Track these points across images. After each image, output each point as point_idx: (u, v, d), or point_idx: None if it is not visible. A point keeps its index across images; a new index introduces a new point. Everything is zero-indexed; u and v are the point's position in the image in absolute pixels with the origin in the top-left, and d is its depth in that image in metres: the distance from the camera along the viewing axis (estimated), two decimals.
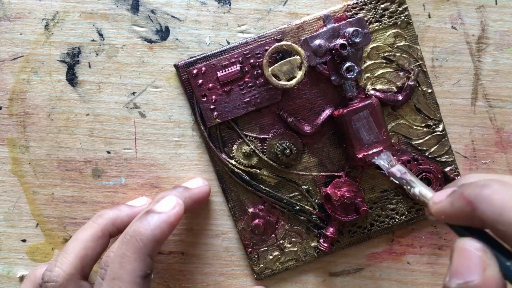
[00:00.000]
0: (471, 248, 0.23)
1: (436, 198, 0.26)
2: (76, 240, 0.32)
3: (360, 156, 0.33)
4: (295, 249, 0.37)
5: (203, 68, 0.35)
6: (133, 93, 0.37)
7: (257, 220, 0.37)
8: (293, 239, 0.37)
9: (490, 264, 0.22)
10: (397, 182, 0.31)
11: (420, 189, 0.29)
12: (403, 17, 0.36)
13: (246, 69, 0.35)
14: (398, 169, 0.31)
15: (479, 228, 0.24)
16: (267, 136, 0.36)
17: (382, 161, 0.33)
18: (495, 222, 0.22)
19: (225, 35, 0.36)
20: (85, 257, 0.31)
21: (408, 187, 0.30)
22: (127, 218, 0.34)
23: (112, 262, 0.29)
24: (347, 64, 0.33)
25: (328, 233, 0.36)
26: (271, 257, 0.37)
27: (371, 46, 0.36)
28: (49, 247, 0.38)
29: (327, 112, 0.36)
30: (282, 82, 0.33)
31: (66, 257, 0.31)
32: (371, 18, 0.35)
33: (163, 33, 0.36)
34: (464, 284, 0.22)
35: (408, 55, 0.36)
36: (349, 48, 0.33)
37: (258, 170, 0.36)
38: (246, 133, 0.36)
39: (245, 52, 0.35)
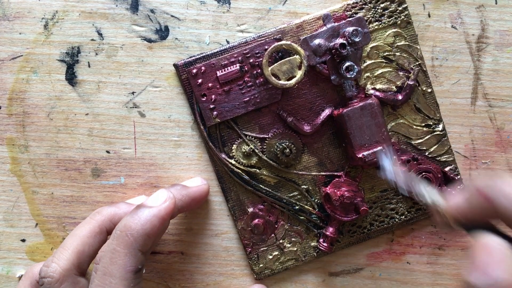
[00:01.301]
0: (494, 244, 0.23)
1: (452, 201, 0.26)
2: (74, 236, 0.32)
3: (360, 155, 0.33)
4: (295, 249, 0.37)
5: (203, 68, 0.35)
6: (133, 93, 0.36)
7: (256, 220, 0.37)
8: (292, 239, 0.37)
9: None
10: (403, 192, 0.30)
11: (432, 196, 0.28)
12: (402, 17, 0.36)
13: (246, 68, 0.35)
14: (404, 177, 0.30)
15: (492, 227, 0.24)
16: (267, 136, 0.36)
17: (387, 164, 0.32)
18: None
19: (224, 34, 0.36)
20: (82, 253, 0.31)
21: (418, 196, 0.29)
22: (125, 216, 0.34)
23: (104, 257, 0.29)
24: (347, 64, 0.33)
25: (327, 233, 0.36)
26: (270, 257, 0.37)
27: (370, 45, 0.36)
28: (48, 247, 0.38)
29: (326, 112, 0.36)
30: (281, 82, 0.33)
31: (63, 253, 0.31)
32: (370, 18, 0.35)
33: (163, 33, 0.36)
34: (488, 279, 0.21)
35: (408, 54, 0.36)
36: (348, 47, 0.33)
37: (257, 170, 0.36)
38: (246, 133, 0.36)
39: (244, 52, 0.35)
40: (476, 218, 0.25)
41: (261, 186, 0.37)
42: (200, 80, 0.35)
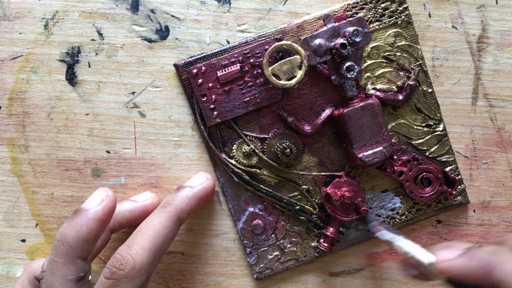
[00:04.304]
0: None
1: (442, 257, 0.28)
2: None
3: (360, 156, 0.33)
4: (295, 249, 0.37)
5: (203, 68, 0.35)
6: (133, 93, 0.36)
7: (257, 220, 0.37)
8: (293, 239, 0.37)
9: None
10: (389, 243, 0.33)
11: (419, 251, 0.31)
12: (403, 17, 0.35)
13: (246, 68, 0.35)
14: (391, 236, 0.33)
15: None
16: (267, 136, 0.36)
17: (386, 235, 0.34)
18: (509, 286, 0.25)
19: (225, 34, 0.36)
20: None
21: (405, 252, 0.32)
22: (128, 213, 0.34)
23: (46, 269, 0.29)
24: (347, 64, 0.33)
25: (328, 233, 0.36)
26: (271, 257, 0.37)
27: (371, 45, 0.36)
28: (48, 247, 0.38)
29: (327, 112, 0.36)
30: (282, 82, 0.33)
31: None
32: (371, 18, 0.35)
33: (163, 33, 0.36)
34: None
35: (408, 54, 0.36)
36: (349, 47, 0.33)
37: (258, 170, 0.36)
38: (246, 133, 0.36)
39: (245, 52, 0.35)
40: (469, 279, 0.27)
41: (261, 186, 0.37)
42: (200, 80, 0.35)
